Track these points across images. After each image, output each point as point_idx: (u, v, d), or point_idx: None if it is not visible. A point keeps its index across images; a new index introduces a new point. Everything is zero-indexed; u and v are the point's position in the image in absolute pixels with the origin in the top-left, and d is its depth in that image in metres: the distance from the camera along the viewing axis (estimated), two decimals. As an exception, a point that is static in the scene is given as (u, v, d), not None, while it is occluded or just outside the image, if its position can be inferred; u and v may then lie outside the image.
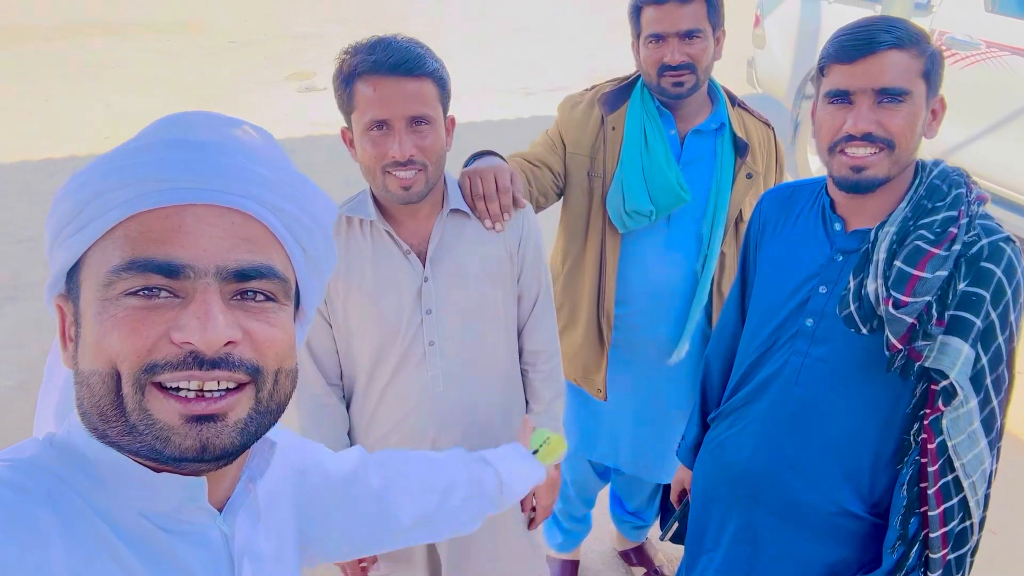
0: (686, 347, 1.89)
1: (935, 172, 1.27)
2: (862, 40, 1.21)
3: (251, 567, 0.75)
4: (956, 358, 1.19)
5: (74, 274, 0.65)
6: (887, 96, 1.21)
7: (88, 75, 8.36)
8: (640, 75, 1.83)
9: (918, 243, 1.20)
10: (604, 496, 2.45)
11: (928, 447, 1.25)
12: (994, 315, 1.20)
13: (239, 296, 0.65)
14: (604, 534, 2.57)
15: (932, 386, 1.25)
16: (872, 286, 1.23)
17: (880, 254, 1.23)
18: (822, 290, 1.35)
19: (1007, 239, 1.22)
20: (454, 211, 1.46)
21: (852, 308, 1.26)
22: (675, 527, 1.79)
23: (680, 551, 1.90)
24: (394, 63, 1.28)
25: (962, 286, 1.20)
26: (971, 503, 1.24)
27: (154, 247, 0.61)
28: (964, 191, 1.23)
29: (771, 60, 5.59)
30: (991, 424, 1.24)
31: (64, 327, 0.67)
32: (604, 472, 2.24)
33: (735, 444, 1.50)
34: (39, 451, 0.65)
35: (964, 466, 1.23)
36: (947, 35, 4.04)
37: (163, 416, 0.61)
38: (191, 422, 0.62)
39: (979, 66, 3.90)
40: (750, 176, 1.85)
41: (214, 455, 0.63)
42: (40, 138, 6.46)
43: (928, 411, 1.25)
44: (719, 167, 1.83)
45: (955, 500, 1.24)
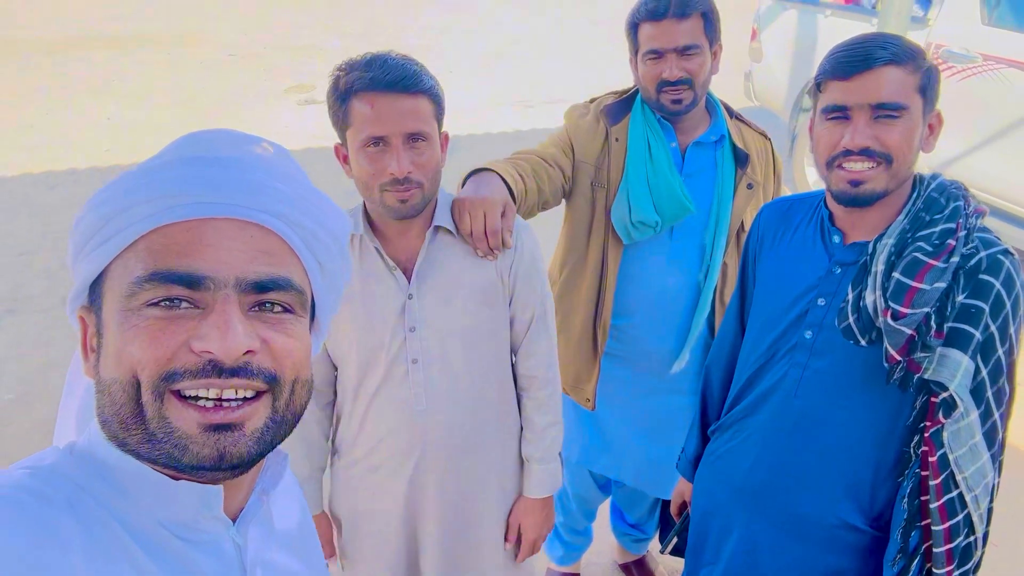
0: (687, 357, 1.90)
1: (933, 185, 1.28)
2: (858, 56, 1.23)
3: None
4: (955, 370, 1.20)
5: (97, 286, 0.67)
6: (884, 111, 1.22)
7: (89, 88, 8.37)
8: (639, 89, 1.84)
9: (916, 255, 1.21)
10: (604, 509, 2.44)
11: (929, 460, 1.25)
12: (993, 327, 1.21)
13: (257, 307, 0.67)
14: (605, 547, 2.56)
15: (932, 398, 1.25)
16: (871, 298, 1.24)
17: (878, 266, 1.24)
18: (821, 302, 1.35)
19: (1005, 251, 1.23)
20: (442, 228, 1.45)
21: (851, 320, 1.27)
22: (675, 540, 1.79)
23: (681, 564, 1.90)
24: (391, 80, 1.29)
25: (961, 298, 1.21)
26: (974, 517, 1.24)
27: (176, 259, 0.63)
28: (962, 204, 1.24)
29: (768, 73, 5.62)
30: (993, 437, 1.24)
31: (86, 338, 0.69)
32: (605, 484, 2.24)
33: (735, 456, 1.51)
34: (60, 459, 0.66)
35: (966, 479, 1.23)
36: (944, 48, 4.07)
37: (182, 424, 0.63)
38: (209, 431, 0.63)
39: (976, 79, 3.92)
40: (751, 187, 1.86)
41: (231, 464, 0.65)
42: (41, 151, 6.46)
43: (928, 423, 1.26)
44: (720, 178, 1.84)
45: (960, 516, 1.24)
